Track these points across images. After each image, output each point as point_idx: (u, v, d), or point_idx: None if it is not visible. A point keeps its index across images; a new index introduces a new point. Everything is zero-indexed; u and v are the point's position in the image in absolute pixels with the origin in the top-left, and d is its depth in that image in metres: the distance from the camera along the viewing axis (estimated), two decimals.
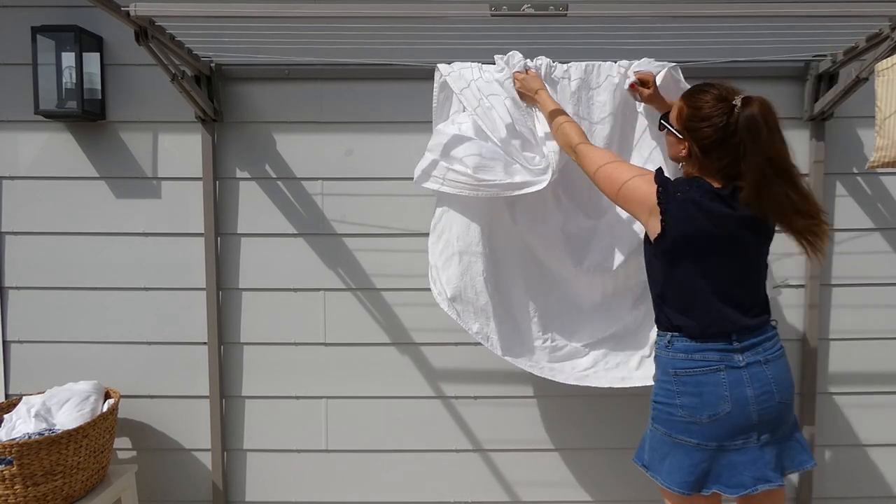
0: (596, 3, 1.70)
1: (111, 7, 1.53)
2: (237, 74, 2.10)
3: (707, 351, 1.42)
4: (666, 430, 1.45)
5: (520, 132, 1.77)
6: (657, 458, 1.48)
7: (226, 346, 2.17)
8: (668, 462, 1.45)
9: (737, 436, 1.40)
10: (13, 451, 1.68)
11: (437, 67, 1.83)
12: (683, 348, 1.44)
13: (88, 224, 2.14)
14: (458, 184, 1.71)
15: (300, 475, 2.21)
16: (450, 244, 1.79)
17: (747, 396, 1.39)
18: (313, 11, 1.64)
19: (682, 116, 1.44)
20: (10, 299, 2.15)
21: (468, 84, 1.77)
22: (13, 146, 2.12)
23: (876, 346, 2.15)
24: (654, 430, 1.50)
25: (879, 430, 2.18)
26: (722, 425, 1.40)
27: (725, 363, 1.41)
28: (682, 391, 1.43)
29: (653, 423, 1.50)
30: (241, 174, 2.14)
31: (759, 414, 1.40)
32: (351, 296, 2.16)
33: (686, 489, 1.42)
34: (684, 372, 1.43)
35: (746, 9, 1.73)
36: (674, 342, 1.46)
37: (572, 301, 1.91)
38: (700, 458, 1.41)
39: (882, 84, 1.60)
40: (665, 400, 1.46)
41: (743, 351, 1.42)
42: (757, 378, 1.40)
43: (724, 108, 1.37)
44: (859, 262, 2.13)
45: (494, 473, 2.21)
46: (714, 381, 1.40)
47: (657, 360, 1.52)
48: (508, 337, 1.84)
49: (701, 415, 1.40)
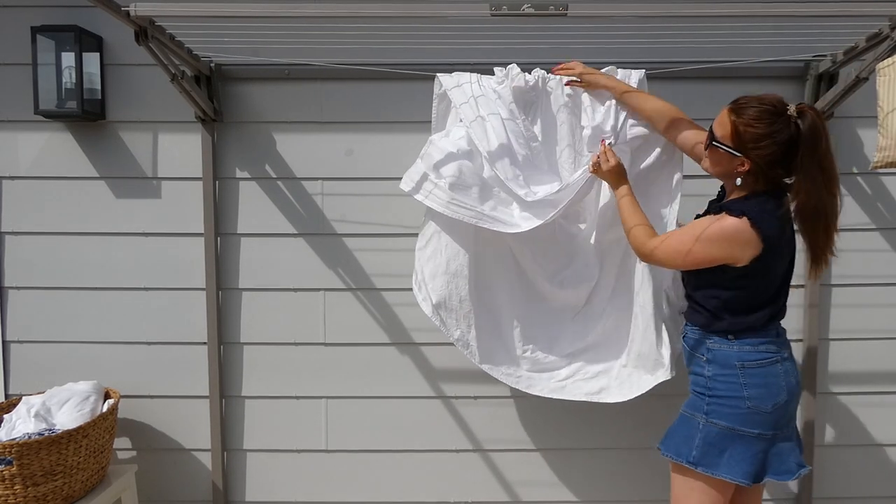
0: (596, 3, 1.70)
1: (111, 7, 1.53)
2: (237, 74, 2.10)
3: (768, 343, 1.50)
4: (728, 424, 1.48)
5: (514, 151, 1.76)
6: (713, 453, 1.49)
7: (226, 346, 2.17)
8: (728, 455, 1.48)
9: (786, 424, 1.52)
10: (13, 451, 1.68)
11: (437, 77, 1.82)
12: (749, 342, 1.49)
13: (88, 224, 2.14)
14: (437, 199, 1.72)
15: (300, 475, 2.21)
16: (438, 251, 1.78)
17: (794, 385, 1.51)
18: (313, 11, 1.64)
19: (740, 135, 1.43)
20: (10, 299, 2.15)
21: (467, 99, 1.77)
22: (13, 146, 2.12)
23: (876, 345, 2.15)
24: (708, 426, 1.50)
25: (879, 429, 2.18)
26: (780, 414, 1.48)
27: (779, 355, 1.50)
28: (749, 383, 1.47)
29: (708, 417, 1.51)
30: (241, 174, 2.14)
31: (797, 402, 1.54)
32: (351, 296, 2.16)
33: (749, 480, 1.46)
34: (753, 364, 1.48)
35: (746, 9, 1.73)
36: (739, 336, 1.50)
37: (554, 310, 1.90)
38: (759, 447, 1.48)
39: (883, 83, 1.59)
40: (729, 393, 1.49)
41: (785, 344, 1.55)
42: (793, 369, 1.53)
43: (783, 121, 1.40)
44: (859, 262, 2.13)
45: (494, 473, 2.21)
46: (775, 371, 1.49)
47: (714, 357, 1.53)
48: (489, 345, 1.84)
49: (766, 405, 1.46)
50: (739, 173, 1.47)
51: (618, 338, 1.87)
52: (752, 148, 1.42)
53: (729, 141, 1.46)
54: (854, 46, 1.84)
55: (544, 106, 1.83)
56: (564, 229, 1.87)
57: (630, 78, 1.81)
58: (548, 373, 1.88)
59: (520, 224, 1.74)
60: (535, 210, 1.74)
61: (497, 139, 1.73)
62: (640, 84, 1.82)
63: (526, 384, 1.85)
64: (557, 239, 1.86)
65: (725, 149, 1.46)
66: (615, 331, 1.87)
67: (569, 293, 1.88)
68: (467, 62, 1.95)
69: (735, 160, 1.46)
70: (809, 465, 2.12)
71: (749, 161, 1.44)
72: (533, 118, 1.82)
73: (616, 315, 1.86)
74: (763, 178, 1.46)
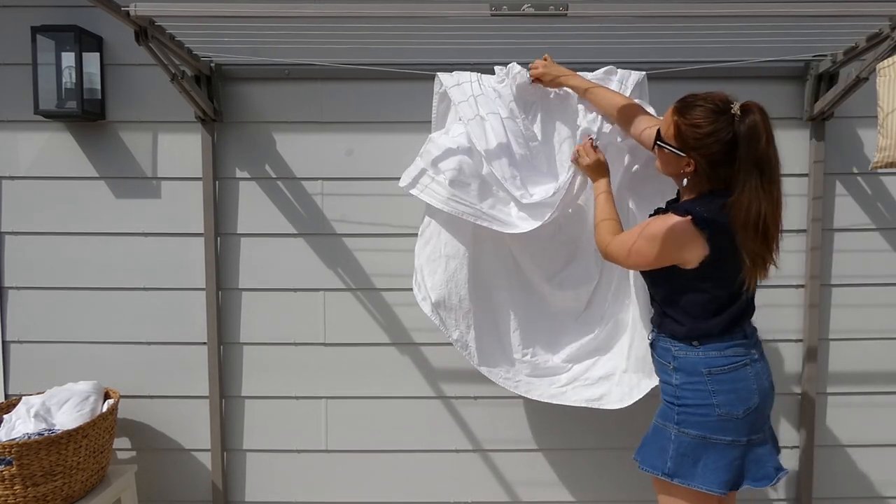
0: (596, 3, 1.70)
1: (111, 7, 1.53)
2: (237, 74, 2.10)
3: (735, 346, 1.45)
4: (699, 433, 1.44)
5: (513, 151, 1.75)
6: (687, 463, 1.45)
7: (226, 346, 2.17)
8: (703, 465, 1.44)
9: (760, 428, 1.47)
10: (13, 451, 1.68)
11: (438, 76, 1.83)
12: (714, 347, 1.45)
13: (88, 224, 2.14)
14: (435, 194, 1.72)
15: (300, 475, 2.21)
16: (437, 249, 1.79)
17: (766, 387, 1.47)
18: (313, 11, 1.64)
19: (683, 135, 1.41)
20: (10, 299, 2.15)
21: (467, 98, 1.77)
22: (13, 146, 2.12)
23: (876, 345, 2.15)
24: (680, 436, 1.46)
25: (879, 430, 2.18)
26: (753, 419, 1.44)
27: (748, 357, 1.46)
28: (717, 389, 1.43)
29: (679, 427, 1.46)
30: (241, 174, 2.14)
31: (771, 405, 1.50)
32: (351, 296, 2.16)
33: (725, 489, 1.43)
34: (719, 370, 1.44)
35: (746, 9, 1.73)
36: (703, 342, 1.46)
37: (554, 313, 1.90)
38: (734, 455, 1.44)
39: (884, 84, 1.59)
40: (698, 402, 1.44)
41: (755, 345, 1.50)
42: (765, 370, 1.49)
43: (725, 120, 1.36)
44: (859, 262, 2.13)
45: (494, 473, 2.21)
46: (744, 375, 1.44)
47: (680, 364, 1.48)
48: (488, 348, 1.83)
49: (737, 411, 1.42)
50: (686, 173, 1.45)
51: (619, 342, 1.87)
52: (695, 147, 1.39)
53: (673, 141, 1.43)
54: (854, 46, 1.84)
55: (544, 105, 1.83)
56: (565, 230, 1.87)
57: (629, 78, 1.81)
58: (548, 378, 1.87)
59: (518, 224, 1.74)
60: (532, 211, 1.74)
61: (496, 138, 1.73)
62: (640, 85, 1.82)
63: (525, 389, 1.84)
64: (557, 240, 1.86)
65: (670, 149, 1.44)
66: (616, 335, 1.87)
67: (568, 294, 1.88)
68: (467, 62, 1.95)
69: (681, 160, 1.43)
70: (809, 465, 2.13)
71: (693, 161, 1.41)
72: (532, 117, 1.83)
73: (616, 318, 1.86)
74: (708, 178, 1.42)
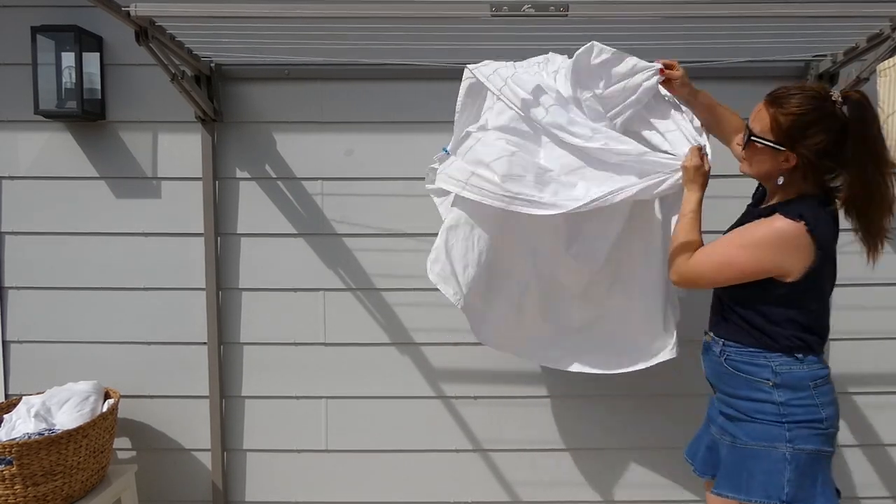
0: (596, 3, 1.70)
1: (111, 7, 1.53)
2: (237, 74, 2.10)
3: (822, 355, 1.41)
4: (815, 447, 1.34)
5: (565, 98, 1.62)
6: (808, 483, 1.33)
7: (226, 346, 2.17)
8: (822, 481, 1.35)
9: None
10: (13, 451, 1.68)
11: (467, 68, 1.73)
12: (815, 359, 1.38)
13: (88, 224, 2.14)
14: (482, 190, 1.55)
15: (300, 475, 2.21)
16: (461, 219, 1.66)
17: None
18: (313, 11, 1.64)
19: (782, 126, 1.31)
20: (10, 299, 2.15)
21: (505, 81, 1.65)
22: (13, 146, 2.11)
23: (876, 346, 2.15)
24: (797, 454, 1.33)
25: (880, 430, 2.17)
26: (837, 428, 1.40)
27: (828, 366, 1.40)
28: (824, 402, 1.36)
29: (793, 445, 1.33)
30: (241, 174, 2.14)
31: None
32: (351, 296, 2.16)
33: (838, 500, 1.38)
34: (823, 382, 1.37)
35: (747, 9, 1.73)
36: (807, 353, 1.37)
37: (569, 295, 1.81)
38: (831, 466, 1.39)
39: (885, 84, 1.60)
40: (809, 416, 1.34)
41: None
42: None
43: (829, 107, 1.28)
44: (859, 262, 2.12)
45: (494, 473, 2.21)
46: (832, 385, 1.39)
47: (784, 380, 1.37)
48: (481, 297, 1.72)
49: (837, 421, 1.39)
50: (783, 170, 1.34)
51: (630, 318, 1.79)
52: (799, 138, 1.29)
53: (770, 135, 1.33)
54: (854, 47, 1.84)
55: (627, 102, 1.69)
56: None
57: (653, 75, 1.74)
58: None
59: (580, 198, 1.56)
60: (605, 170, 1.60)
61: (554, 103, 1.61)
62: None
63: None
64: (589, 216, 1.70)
65: (766, 143, 1.33)
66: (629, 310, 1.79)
67: (582, 264, 1.75)
68: (467, 62, 1.95)
69: (778, 156, 1.33)
70: None
71: (795, 155, 1.31)
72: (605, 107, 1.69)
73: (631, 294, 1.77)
74: (812, 173, 1.32)
